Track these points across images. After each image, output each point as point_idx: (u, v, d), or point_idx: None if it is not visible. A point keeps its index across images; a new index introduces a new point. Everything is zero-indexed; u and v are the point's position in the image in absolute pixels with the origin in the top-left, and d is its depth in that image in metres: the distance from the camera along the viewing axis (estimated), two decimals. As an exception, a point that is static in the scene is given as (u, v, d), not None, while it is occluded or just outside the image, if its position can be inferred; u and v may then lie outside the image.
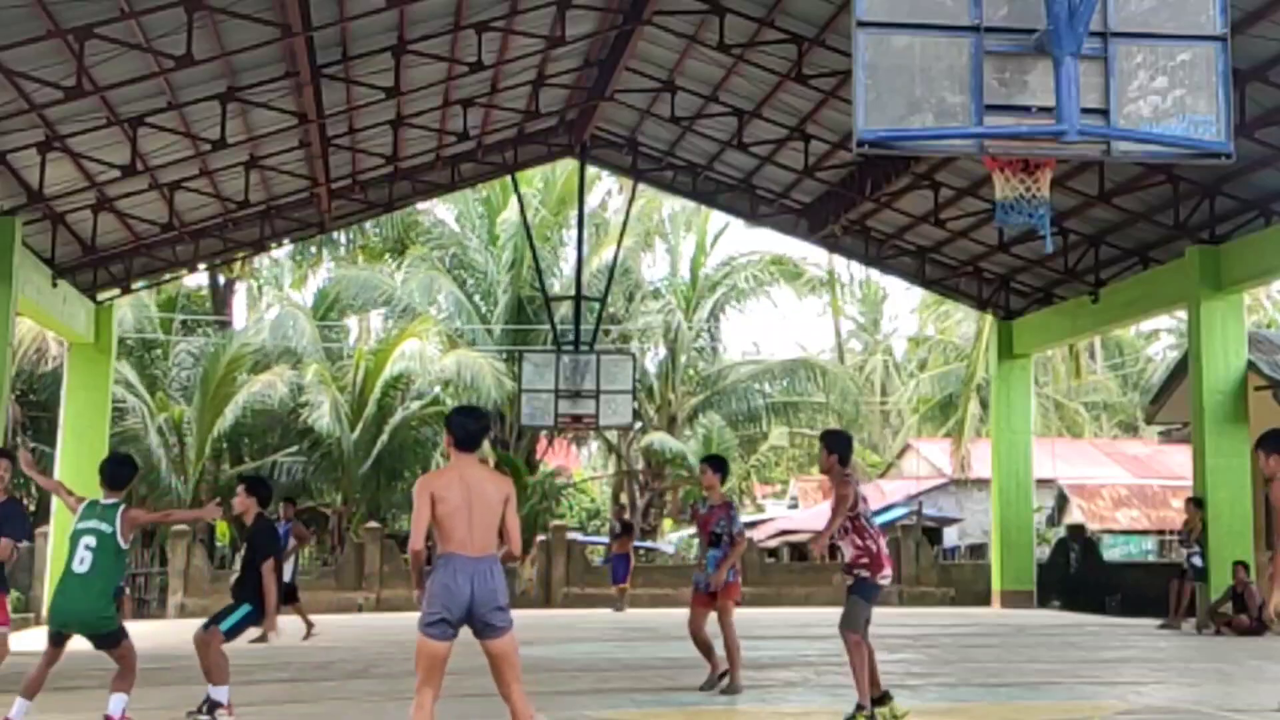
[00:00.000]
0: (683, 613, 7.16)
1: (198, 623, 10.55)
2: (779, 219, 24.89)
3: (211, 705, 8.88)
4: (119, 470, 8.45)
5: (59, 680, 12.14)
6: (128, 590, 23.85)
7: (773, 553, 35.16)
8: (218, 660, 8.93)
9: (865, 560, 8.22)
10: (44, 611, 21.63)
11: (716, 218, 34.62)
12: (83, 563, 8.00)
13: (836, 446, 8.49)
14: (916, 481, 36.58)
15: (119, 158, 17.08)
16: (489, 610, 6.25)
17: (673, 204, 35.00)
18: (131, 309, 29.74)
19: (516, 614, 6.64)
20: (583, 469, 45.04)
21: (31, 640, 18.11)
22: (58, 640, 8.34)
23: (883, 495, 34.99)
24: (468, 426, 6.53)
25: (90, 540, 8.02)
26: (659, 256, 38.51)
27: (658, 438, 33.47)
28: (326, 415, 28.28)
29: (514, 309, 32.23)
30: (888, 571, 8.26)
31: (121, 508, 8.22)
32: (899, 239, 24.07)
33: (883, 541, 8.38)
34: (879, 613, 8.40)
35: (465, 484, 6.34)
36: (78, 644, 10.09)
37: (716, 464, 10.46)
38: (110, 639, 8.27)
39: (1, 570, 9.61)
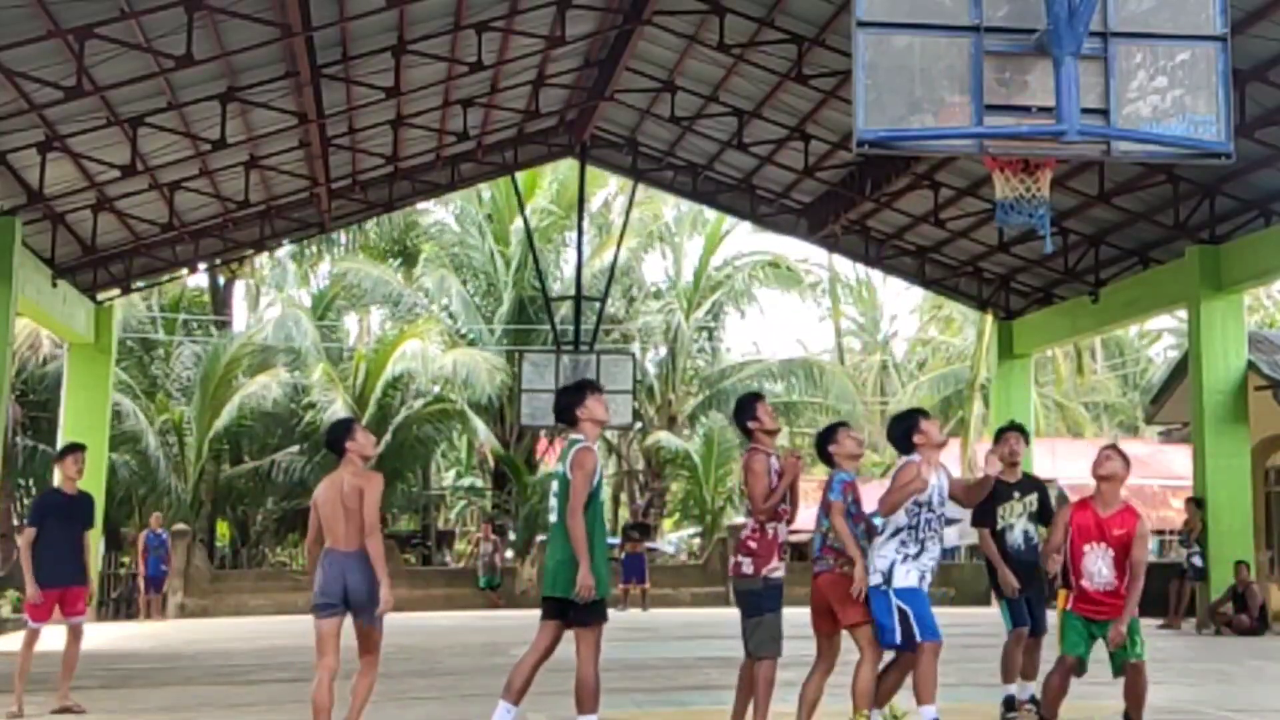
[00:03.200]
0: (683, 613, 6.95)
1: (199, 623, 10.60)
2: (779, 219, 24.88)
3: None
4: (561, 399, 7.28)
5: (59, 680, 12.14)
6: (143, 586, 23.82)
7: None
8: None
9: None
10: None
11: (725, 221, 34.59)
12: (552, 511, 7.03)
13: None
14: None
15: (119, 158, 17.08)
16: (362, 599, 7.00)
17: (678, 205, 34.98)
18: (127, 309, 29.77)
19: (516, 614, 6.74)
20: (582, 469, 44.95)
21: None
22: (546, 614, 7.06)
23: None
24: (328, 436, 7.51)
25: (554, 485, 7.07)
26: (661, 257, 38.49)
27: (662, 436, 33.49)
28: (341, 412, 28.23)
29: (516, 309, 32.23)
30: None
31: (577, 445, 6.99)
32: (899, 239, 24.05)
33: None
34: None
35: (337, 486, 7.08)
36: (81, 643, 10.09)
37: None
38: (576, 613, 6.86)
39: (84, 562, 9.83)
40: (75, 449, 10.01)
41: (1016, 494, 8.45)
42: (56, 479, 10.05)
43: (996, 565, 8.38)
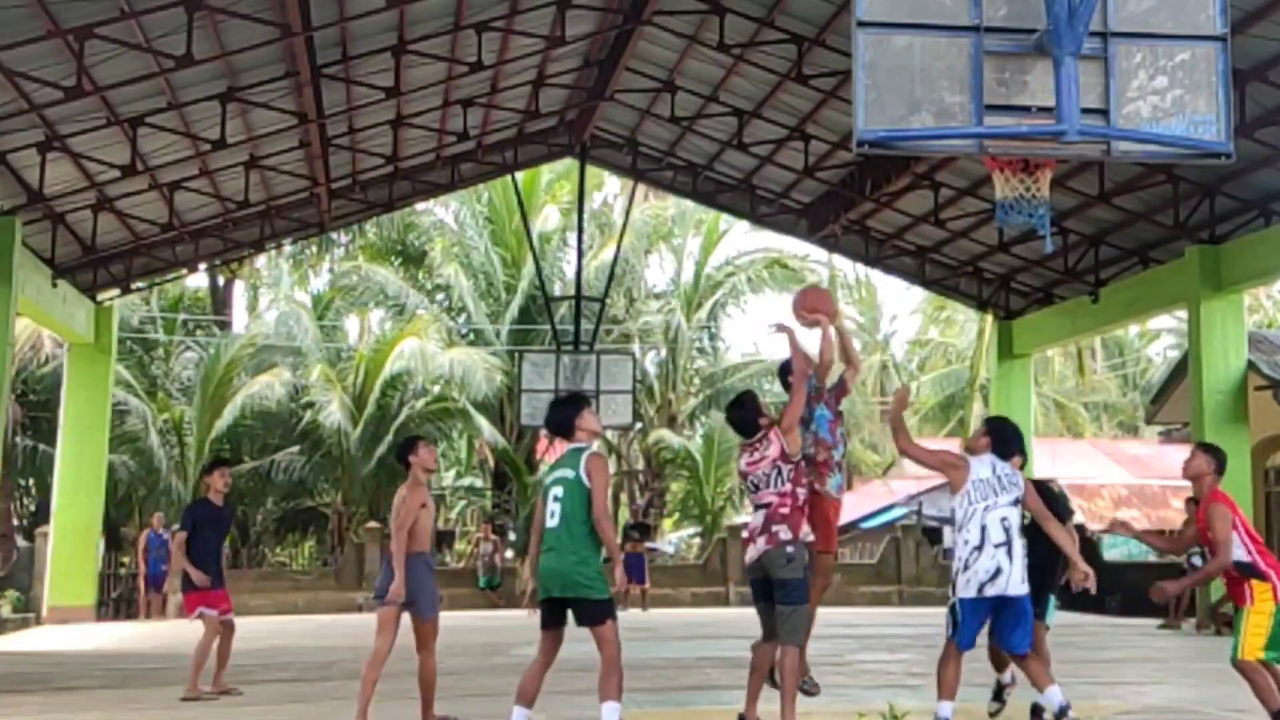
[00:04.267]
0: (683, 613, 7.10)
1: (199, 623, 10.64)
2: (779, 219, 24.88)
3: None
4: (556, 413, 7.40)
5: (60, 680, 12.16)
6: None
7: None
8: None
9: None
10: (44, 611, 21.76)
11: (722, 220, 34.56)
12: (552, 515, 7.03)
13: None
14: (916, 481, 36.57)
15: (119, 158, 17.08)
16: (410, 595, 7.99)
17: (679, 204, 34.94)
18: (130, 309, 29.80)
19: (516, 614, 6.77)
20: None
21: (30, 640, 18.14)
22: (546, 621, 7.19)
23: (891, 494, 35.04)
24: (397, 451, 8.66)
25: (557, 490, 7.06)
26: (664, 257, 38.41)
27: (662, 435, 33.48)
28: (337, 413, 28.22)
29: (519, 308, 32.20)
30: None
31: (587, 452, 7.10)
32: (899, 239, 24.06)
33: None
34: (881, 613, 8.30)
35: (396, 498, 8.23)
36: (79, 643, 10.10)
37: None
38: (592, 613, 6.99)
39: (221, 563, 10.68)
40: (223, 463, 10.98)
41: None
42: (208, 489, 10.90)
43: None
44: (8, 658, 15.04)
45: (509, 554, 28.86)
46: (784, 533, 7.01)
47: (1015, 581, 7.06)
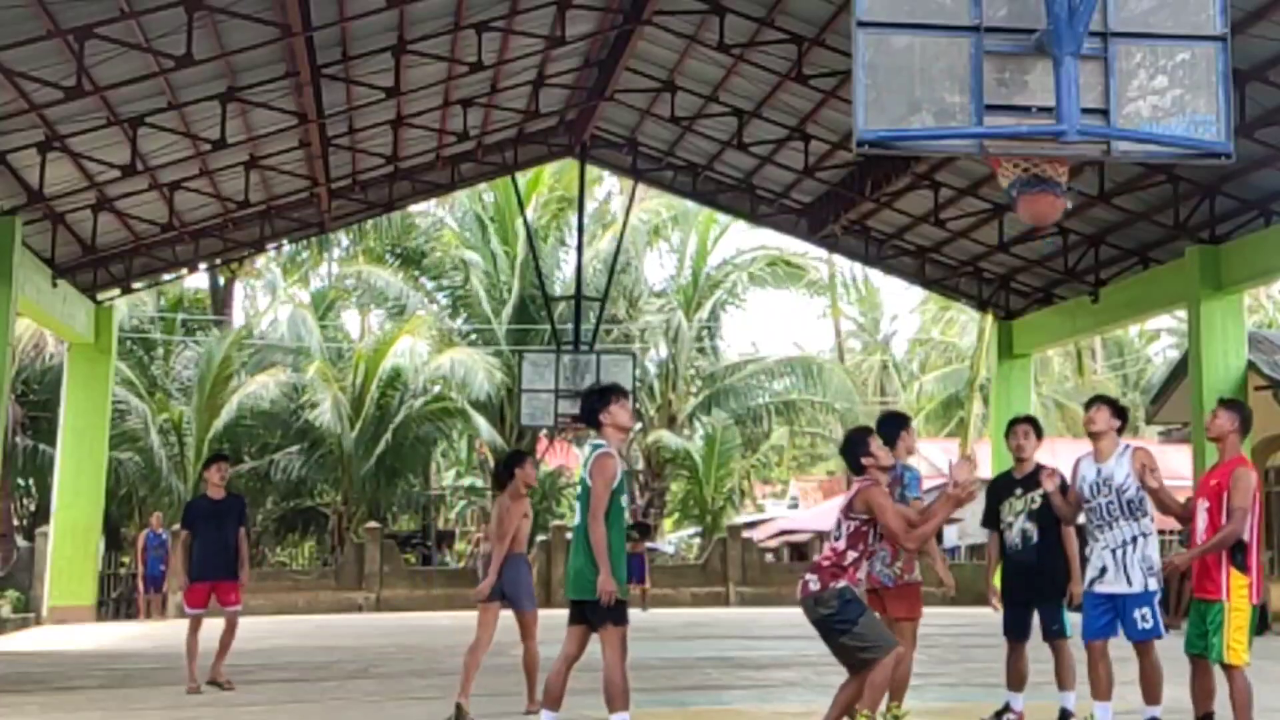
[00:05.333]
0: (683, 613, 7.08)
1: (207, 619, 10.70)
2: (779, 219, 24.88)
3: None
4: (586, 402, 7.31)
5: (60, 680, 12.17)
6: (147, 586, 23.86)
7: (773, 552, 35.19)
8: None
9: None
10: (44, 611, 21.77)
11: (717, 218, 34.53)
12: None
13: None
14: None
15: (119, 158, 17.09)
16: (512, 592, 9.00)
17: (680, 205, 34.94)
18: (132, 309, 29.81)
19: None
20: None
21: (30, 640, 18.15)
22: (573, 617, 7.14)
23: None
24: (504, 462, 9.32)
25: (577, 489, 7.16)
26: (664, 257, 38.39)
27: (662, 435, 33.48)
28: (328, 413, 28.26)
29: (518, 308, 32.20)
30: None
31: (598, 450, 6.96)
32: (899, 239, 24.06)
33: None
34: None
35: (498, 505, 9.07)
36: (79, 643, 10.10)
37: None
38: (598, 615, 6.89)
39: (235, 558, 10.81)
40: (219, 459, 11.23)
41: (1019, 490, 8.20)
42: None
43: (989, 568, 8.63)
44: (8, 658, 15.05)
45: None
46: (814, 583, 6.79)
47: None
